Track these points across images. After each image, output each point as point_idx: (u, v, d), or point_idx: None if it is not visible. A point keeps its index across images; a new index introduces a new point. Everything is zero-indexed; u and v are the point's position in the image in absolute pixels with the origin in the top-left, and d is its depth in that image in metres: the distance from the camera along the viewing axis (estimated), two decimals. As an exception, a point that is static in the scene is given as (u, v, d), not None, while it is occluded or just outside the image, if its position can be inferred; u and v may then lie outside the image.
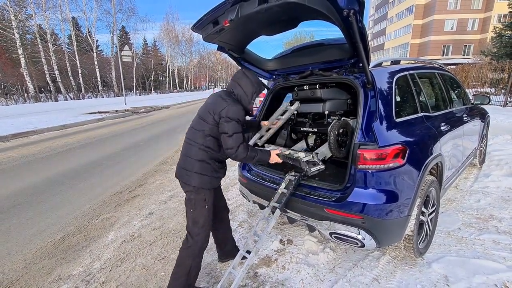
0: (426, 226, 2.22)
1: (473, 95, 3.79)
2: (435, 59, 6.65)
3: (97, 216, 3.22)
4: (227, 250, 2.25)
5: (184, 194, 1.88)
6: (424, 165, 1.96)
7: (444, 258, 2.16)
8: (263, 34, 2.17)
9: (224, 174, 1.98)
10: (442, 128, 2.43)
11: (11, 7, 18.75)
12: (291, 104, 2.64)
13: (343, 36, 1.72)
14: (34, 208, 3.40)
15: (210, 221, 1.88)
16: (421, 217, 2.10)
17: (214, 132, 1.79)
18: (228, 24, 1.73)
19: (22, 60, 19.55)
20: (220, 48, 2.23)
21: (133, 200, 3.64)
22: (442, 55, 34.76)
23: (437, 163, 2.25)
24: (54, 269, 2.28)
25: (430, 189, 2.12)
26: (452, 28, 34.58)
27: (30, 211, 3.33)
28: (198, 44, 43.87)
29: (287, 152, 2.20)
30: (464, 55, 33.48)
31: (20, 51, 19.32)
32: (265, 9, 1.57)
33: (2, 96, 20.38)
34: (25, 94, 20.88)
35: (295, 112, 2.90)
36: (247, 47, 2.36)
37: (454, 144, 2.70)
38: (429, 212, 2.23)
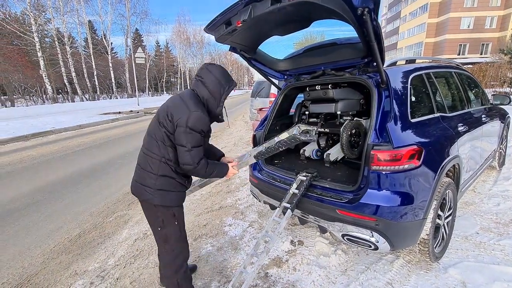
0: (442, 229, 2.16)
1: (492, 95, 3.65)
2: (451, 59, 6.45)
3: (112, 213, 3.30)
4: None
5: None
6: (440, 167, 1.91)
7: (461, 263, 2.09)
8: (276, 34, 2.17)
9: (190, 185, 1.79)
10: (459, 129, 2.35)
11: (31, 12, 19.52)
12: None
13: (356, 35, 1.70)
14: (52, 205, 3.53)
15: (185, 233, 1.71)
16: (437, 220, 2.04)
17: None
18: (240, 24, 1.74)
19: (41, 63, 20.31)
20: (232, 49, 2.25)
21: (145, 199, 3.70)
22: (458, 55, 33.69)
23: (454, 165, 2.18)
24: (70, 265, 2.35)
25: (447, 191, 2.06)
26: (468, 26, 33.49)
27: (49, 208, 3.45)
28: (209, 45, 44.31)
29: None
30: (481, 54, 32.34)
31: (39, 54, 20.07)
32: (278, 9, 1.57)
33: (23, 97, 21.22)
34: (44, 95, 21.66)
35: (307, 112, 2.88)
36: (259, 47, 2.36)
37: (472, 145, 2.61)
38: (445, 216, 2.17)
